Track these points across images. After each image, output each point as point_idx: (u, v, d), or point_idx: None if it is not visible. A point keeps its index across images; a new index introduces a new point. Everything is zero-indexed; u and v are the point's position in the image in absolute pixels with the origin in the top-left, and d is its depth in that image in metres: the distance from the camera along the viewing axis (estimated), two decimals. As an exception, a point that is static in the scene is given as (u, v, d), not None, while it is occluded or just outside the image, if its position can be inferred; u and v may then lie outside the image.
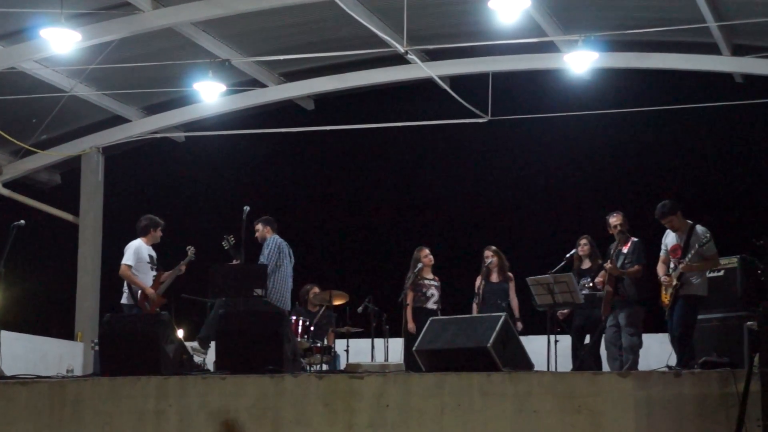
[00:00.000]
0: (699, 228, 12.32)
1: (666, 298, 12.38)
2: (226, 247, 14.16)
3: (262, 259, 13.99)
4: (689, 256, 12.17)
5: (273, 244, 14.14)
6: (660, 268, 12.60)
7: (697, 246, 12.15)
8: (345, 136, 21.46)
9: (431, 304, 15.04)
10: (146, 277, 13.80)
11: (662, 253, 12.64)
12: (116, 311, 13.54)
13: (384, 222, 22.71)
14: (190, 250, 14.08)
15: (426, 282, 15.10)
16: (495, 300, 14.67)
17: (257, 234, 14.37)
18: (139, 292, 13.67)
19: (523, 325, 14.52)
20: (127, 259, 13.81)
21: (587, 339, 14.12)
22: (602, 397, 9.37)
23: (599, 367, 13.72)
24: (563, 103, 19.55)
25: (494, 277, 14.81)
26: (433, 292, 15.14)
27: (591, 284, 13.79)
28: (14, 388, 10.61)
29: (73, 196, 22.01)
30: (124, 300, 13.86)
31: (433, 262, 15.21)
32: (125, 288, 13.87)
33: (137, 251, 13.86)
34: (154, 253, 14.08)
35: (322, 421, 9.83)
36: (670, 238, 12.57)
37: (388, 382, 9.87)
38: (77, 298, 21.03)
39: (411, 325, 14.88)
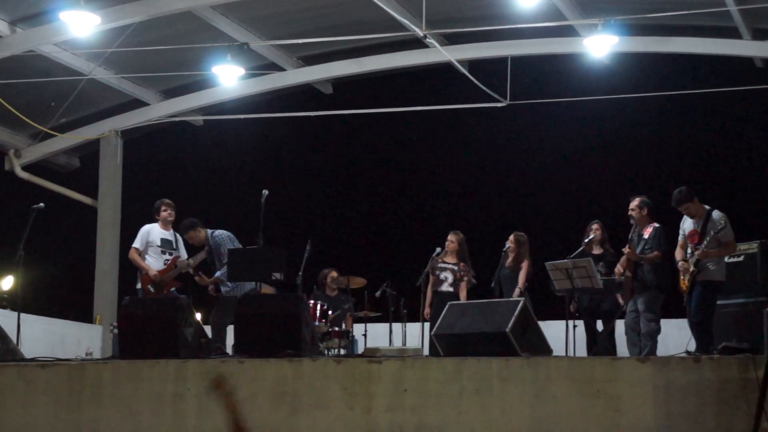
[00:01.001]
0: (715, 213, 12.26)
1: (684, 283, 12.34)
2: None
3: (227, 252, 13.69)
4: (705, 241, 12.13)
5: (224, 236, 13.95)
6: (678, 254, 12.56)
7: (712, 232, 12.09)
8: (363, 120, 21.46)
9: (445, 287, 14.96)
10: (155, 261, 13.74)
11: (680, 239, 12.60)
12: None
13: (402, 206, 22.71)
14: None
15: (441, 265, 15.02)
16: (509, 285, 14.65)
17: (192, 241, 14.00)
18: (144, 274, 13.63)
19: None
20: (136, 242, 13.81)
21: (599, 324, 14.10)
22: (621, 382, 9.35)
23: (614, 353, 13.70)
24: (582, 87, 19.48)
25: (509, 263, 14.78)
26: (447, 275, 15.05)
27: (603, 269, 13.76)
28: (34, 370, 10.64)
29: (91, 179, 22.06)
30: (138, 286, 13.84)
31: (454, 246, 15.05)
32: (138, 274, 13.86)
33: (146, 235, 13.81)
34: (172, 237, 13.92)
35: (341, 404, 9.84)
36: (687, 224, 12.53)
37: (407, 366, 9.87)
38: (96, 282, 21.08)
39: (426, 310, 14.86)
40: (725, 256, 12.51)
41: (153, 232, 13.85)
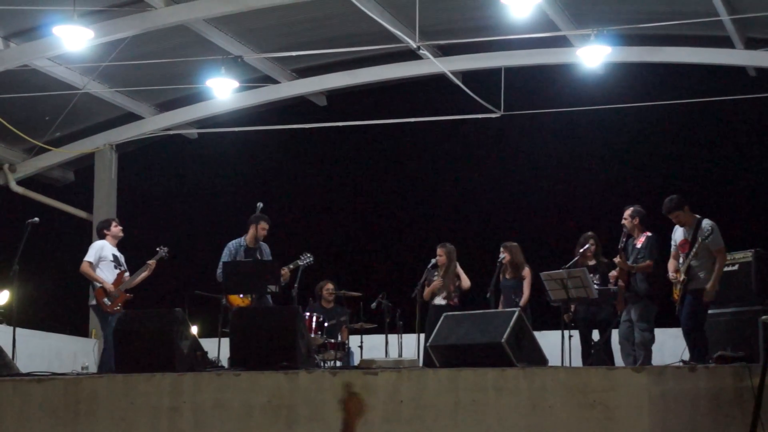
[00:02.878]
0: (704, 222, 12.26)
1: (676, 293, 12.35)
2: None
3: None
4: (694, 249, 12.13)
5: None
6: (670, 265, 12.55)
7: (700, 239, 12.08)
8: (357, 132, 21.48)
9: (438, 300, 15.00)
10: (108, 275, 13.81)
11: (672, 249, 12.61)
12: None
13: (397, 218, 22.71)
14: (162, 249, 14.09)
15: (435, 279, 15.06)
16: (508, 296, 14.67)
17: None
18: (98, 287, 13.70)
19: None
20: (89, 256, 13.86)
21: (594, 334, 14.12)
22: (616, 392, 9.35)
23: (611, 363, 13.71)
24: (576, 97, 19.52)
25: (507, 274, 14.80)
26: (440, 289, 15.08)
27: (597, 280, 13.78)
28: (29, 385, 10.63)
29: (86, 193, 22.07)
30: (93, 301, 13.85)
31: (443, 260, 15.08)
32: (90, 289, 13.90)
33: (100, 250, 13.92)
34: (119, 254, 14.10)
35: (337, 417, 9.83)
36: (678, 234, 12.54)
37: (402, 377, 9.86)
38: (91, 296, 21.04)
39: (426, 292, 14.86)
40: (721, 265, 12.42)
41: (106, 247, 13.97)
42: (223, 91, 19.20)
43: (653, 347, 13.18)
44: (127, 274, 13.97)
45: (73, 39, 16.53)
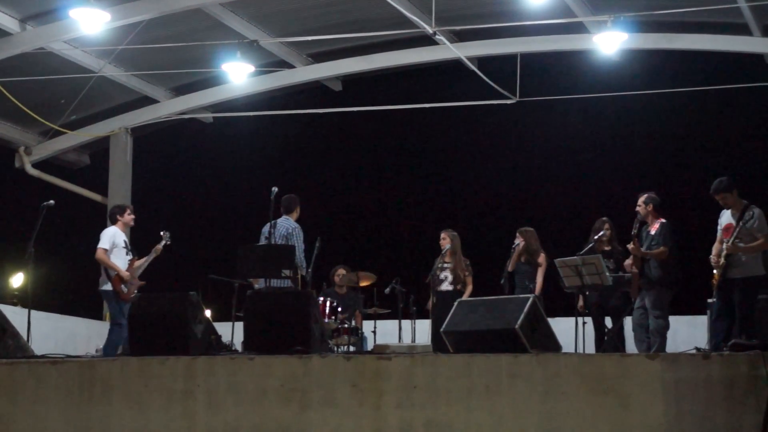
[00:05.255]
0: (751, 208, 11.92)
1: (716, 278, 12.08)
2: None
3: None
4: (735, 233, 11.83)
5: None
6: (715, 248, 12.25)
7: (741, 224, 11.82)
8: (373, 118, 21.46)
9: (445, 286, 15.03)
10: (122, 262, 13.87)
11: (718, 233, 12.33)
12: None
13: (411, 203, 22.72)
14: (165, 234, 14.14)
15: (441, 265, 15.09)
16: (522, 282, 14.67)
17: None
18: (114, 275, 13.73)
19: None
20: (103, 243, 13.88)
21: (608, 321, 14.10)
22: (630, 379, 9.33)
23: (624, 349, 13.69)
24: (592, 84, 19.49)
25: (523, 258, 14.80)
26: (447, 275, 15.11)
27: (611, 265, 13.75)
28: (44, 367, 10.67)
29: (101, 176, 22.11)
30: (106, 287, 13.88)
31: (448, 245, 15.09)
32: (102, 273, 13.91)
33: (113, 236, 13.96)
34: (127, 240, 14.21)
35: (350, 402, 9.84)
36: (724, 218, 12.17)
37: (416, 363, 9.86)
38: (102, 280, 21.09)
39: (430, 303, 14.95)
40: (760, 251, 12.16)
41: (118, 234, 14.03)
42: (238, 75, 19.21)
43: (667, 334, 13.15)
44: (138, 260, 14.03)
45: (90, 22, 16.56)
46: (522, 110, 19.82)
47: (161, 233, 14.18)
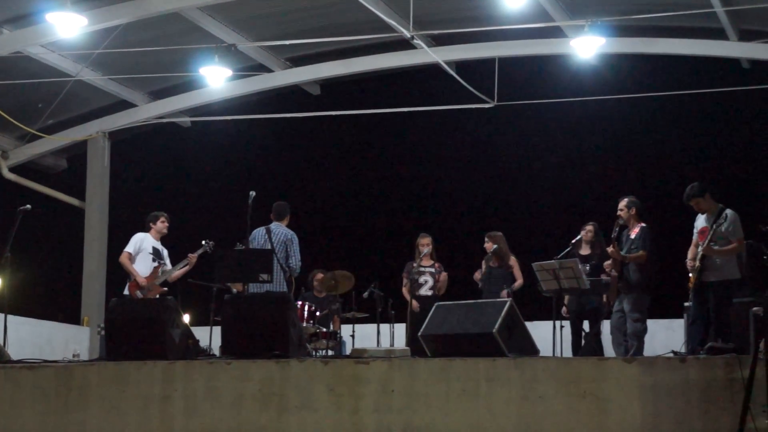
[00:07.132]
0: (725, 211, 11.94)
1: (691, 281, 12.10)
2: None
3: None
4: (709, 237, 11.85)
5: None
6: (690, 252, 12.26)
7: (714, 227, 11.85)
8: (351, 122, 21.47)
9: (425, 291, 15.07)
10: (143, 268, 13.85)
11: (694, 237, 12.36)
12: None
13: (390, 207, 22.70)
14: (209, 243, 14.05)
15: (420, 269, 15.12)
16: (497, 285, 14.67)
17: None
18: (132, 280, 13.71)
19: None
20: (129, 247, 13.93)
21: (585, 325, 14.13)
22: (608, 382, 9.37)
23: (602, 353, 13.72)
24: (569, 88, 19.53)
25: (493, 263, 14.83)
26: (426, 279, 15.15)
27: (588, 269, 13.77)
28: (21, 372, 10.63)
29: (79, 180, 22.04)
30: (126, 291, 13.87)
31: (428, 248, 15.14)
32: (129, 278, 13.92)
33: (140, 242, 13.96)
34: (162, 248, 14.14)
35: (328, 406, 9.84)
36: (699, 222, 12.19)
37: (394, 367, 9.87)
38: (83, 283, 21.06)
39: (415, 304, 14.92)
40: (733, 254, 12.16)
41: (147, 240, 14.03)
42: (216, 79, 19.18)
43: (645, 338, 13.18)
44: (165, 268, 13.97)
45: (67, 26, 16.50)
46: (500, 114, 19.84)
47: (203, 242, 14.10)
